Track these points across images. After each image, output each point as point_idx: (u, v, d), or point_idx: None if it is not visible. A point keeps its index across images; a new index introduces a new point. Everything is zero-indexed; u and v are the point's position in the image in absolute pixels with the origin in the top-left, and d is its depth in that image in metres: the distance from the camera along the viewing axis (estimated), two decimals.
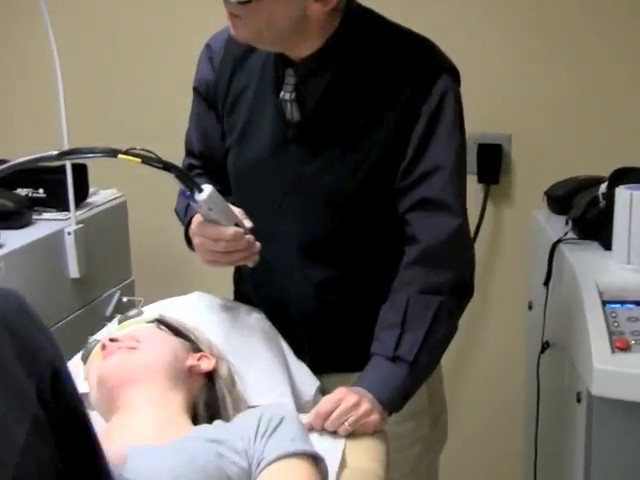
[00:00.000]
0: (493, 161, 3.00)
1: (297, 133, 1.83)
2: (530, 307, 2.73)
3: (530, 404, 2.65)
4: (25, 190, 2.53)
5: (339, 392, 1.74)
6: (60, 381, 1.02)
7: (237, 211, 1.83)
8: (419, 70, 1.79)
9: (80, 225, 2.51)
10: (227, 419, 1.70)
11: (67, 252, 2.49)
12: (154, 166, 1.62)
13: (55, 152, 1.61)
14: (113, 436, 1.55)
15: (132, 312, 1.84)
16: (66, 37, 2.59)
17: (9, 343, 0.98)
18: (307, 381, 1.94)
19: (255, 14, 1.68)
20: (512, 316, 3.00)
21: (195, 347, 1.77)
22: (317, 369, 1.97)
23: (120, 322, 1.84)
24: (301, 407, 1.86)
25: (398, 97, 1.77)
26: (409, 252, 1.82)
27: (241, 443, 1.50)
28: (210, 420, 1.68)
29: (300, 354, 1.97)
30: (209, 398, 1.72)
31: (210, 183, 1.98)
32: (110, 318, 2.46)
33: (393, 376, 1.77)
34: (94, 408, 1.70)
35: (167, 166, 1.63)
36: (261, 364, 1.89)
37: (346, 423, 1.69)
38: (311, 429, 1.68)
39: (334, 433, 1.69)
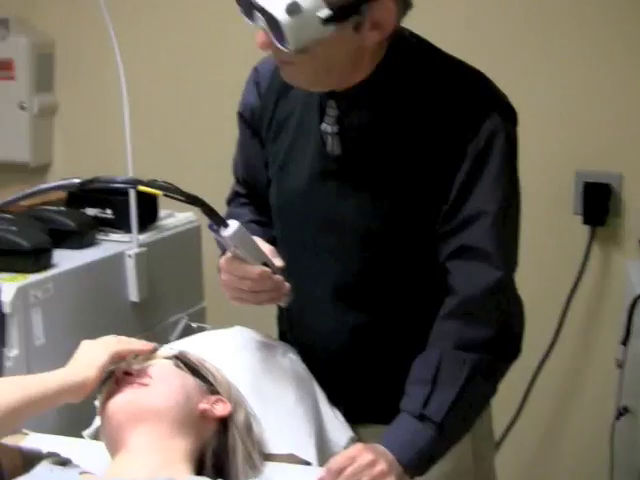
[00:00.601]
0: (601, 201, 2.82)
1: (336, 168, 1.75)
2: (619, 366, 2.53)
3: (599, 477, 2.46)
4: (94, 210, 2.53)
5: (355, 448, 1.64)
6: None
7: (267, 249, 1.77)
8: (467, 107, 1.68)
9: (143, 248, 2.48)
10: (235, 469, 1.63)
11: (127, 275, 2.47)
12: (177, 199, 1.58)
13: (78, 180, 1.58)
14: (111, 475, 1.51)
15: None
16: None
17: None
18: (340, 430, 1.85)
19: (311, 59, 1.60)
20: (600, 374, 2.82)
21: (212, 389, 1.68)
22: (353, 419, 1.88)
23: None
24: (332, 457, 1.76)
25: (444, 135, 1.67)
26: (446, 303, 1.70)
27: None
28: (217, 469, 1.61)
29: (335, 401, 1.89)
30: (219, 446, 1.64)
31: (254, 214, 1.97)
32: None
33: (419, 437, 1.64)
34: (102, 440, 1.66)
35: (191, 199, 1.58)
36: (287, 409, 1.80)
37: None
38: None
39: None
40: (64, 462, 1.55)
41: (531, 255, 2.04)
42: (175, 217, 2.75)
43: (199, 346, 1.97)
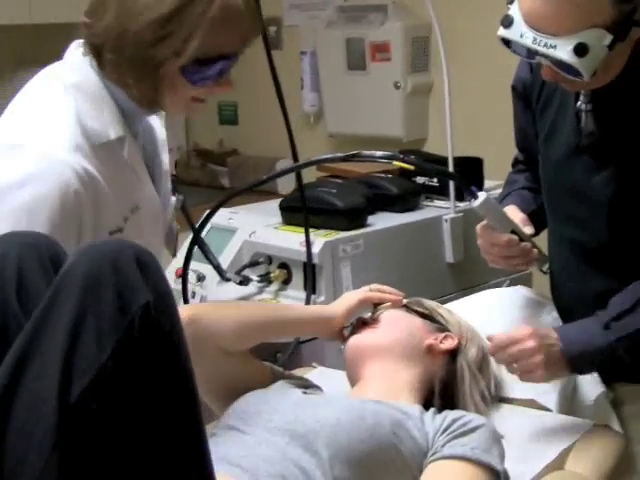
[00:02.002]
0: None
1: (588, 143, 1.83)
2: None
3: None
4: (423, 179, 2.74)
5: (522, 332, 1.75)
6: (150, 323, 1.14)
7: (519, 218, 1.92)
8: None
9: (459, 214, 2.66)
10: (464, 397, 1.80)
11: (444, 238, 2.67)
12: (429, 174, 1.77)
13: (341, 154, 1.85)
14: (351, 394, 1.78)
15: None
16: None
17: (113, 281, 1.14)
18: (591, 384, 1.94)
19: (597, 74, 1.66)
20: None
21: (442, 328, 1.88)
22: (608, 377, 1.95)
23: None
24: (582, 410, 1.89)
25: None
26: None
27: (428, 427, 1.61)
28: (445, 396, 1.79)
29: None
30: (447, 376, 1.82)
31: (529, 180, 2.12)
32: None
33: (594, 340, 1.72)
34: None
35: (442, 173, 1.76)
36: None
37: (515, 364, 1.74)
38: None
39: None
40: (308, 386, 1.82)
41: None
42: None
43: (479, 301, 2.16)
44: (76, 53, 1.73)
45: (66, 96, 1.70)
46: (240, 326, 1.74)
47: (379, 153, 1.82)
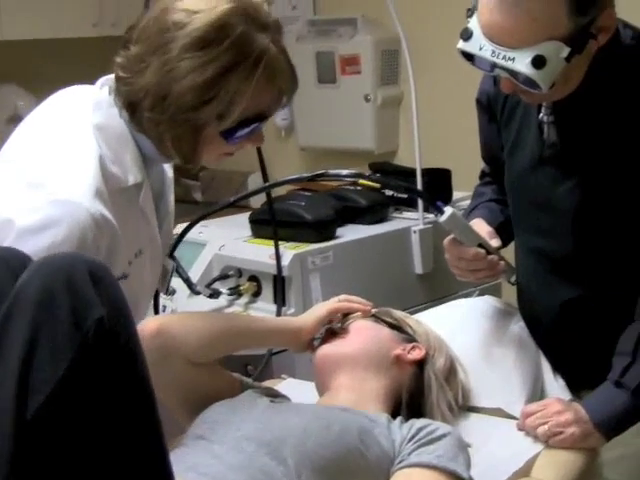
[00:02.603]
0: None
1: (551, 154, 1.86)
2: None
3: None
4: (391, 191, 2.75)
5: (549, 399, 1.81)
6: (105, 336, 1.15)
7: (485, 231, 1.95)
8: None
9: (428, 225, 2.68)
10: (431, 407, 1.81)
11: (413, 249, 2.69)
12: (396, 190, 1.79)
13: (307, 174, 1.86)
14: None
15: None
16: None
17: (67, 296, 1.15)
18: (559, 393, 1.96)
19: (556, 86, 1.68)
20: None
21: (410, 339, 1.89)
22: (576, 385, 1.98)
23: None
24: None
25: None
26: None
27: (395, 435, 1.62)
28: (411, 408, 1.79)
29: (556, 368, 2.02)
30: (414, 387, 1.83)
31: (496, 193, 2.14)
32: None
33: (612, 401, 1.76)
34: None
35: (408, 190, 1.78)
36: (506, 369, 1.97)
37: (546, 426, 1.74)
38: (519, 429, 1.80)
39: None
40: (276, 395, 1.83)
41: None
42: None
43: (448, 311, 2.18)
44: (103, 92, 1.70)
45: (90, 137, 1.65)
46: (207, 337, 1.75)
47: (345, 172, 1.84)
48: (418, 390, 1.82)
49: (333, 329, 1.89)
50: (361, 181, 1.78)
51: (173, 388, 1.74)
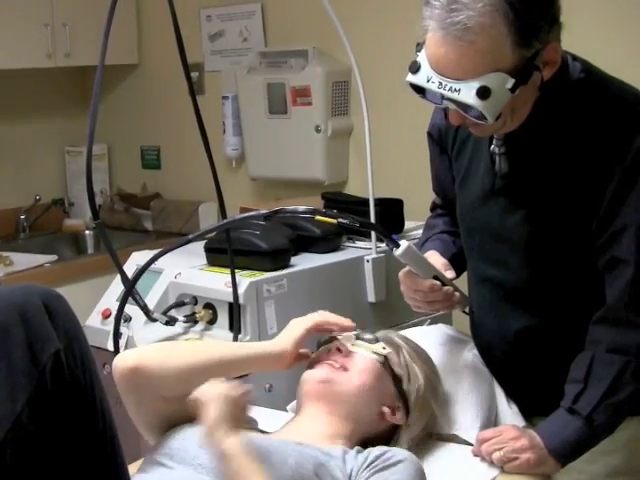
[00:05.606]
0: None
1: (503, 185, 1.90)
2: None
3: None
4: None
5: (504, 426, 1.86)
6: (62, 370, 1.16)
7: (440, 263, 1.99)
8: (616, 128, 1.76)
9: (381, 254, 2.73)
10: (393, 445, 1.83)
11: (366, 278, 2.73)
12: (351, 226, 1.82)
13: (264, 211, 1.86)
14: (278, 434, 1.79)
15: (368, 335, 1.96)
16: None
17: (22, 332, 1.15)
18: (513, 419, 2.00)
19: (502, 118, 1.72)
20: None
21: (403, 398, 1.88)
22: (529, 411, 2.03)
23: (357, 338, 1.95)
24: None
25: (596, 155, 1.77)
26: (601, 309, 1.82)
27: (351, 465, 1.65)
28: (374, 446, 1.78)
29: (509, 394, 2.06)
30: (384, 437, 1.85)
31: (448, 224, 2.18)
32: None
33: (566, 427, 1.80)
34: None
35: (364, 225, 1.80)
36: (461, 395, 2.01)
37: (501, 451, 1.78)
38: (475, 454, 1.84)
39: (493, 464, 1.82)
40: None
41: None
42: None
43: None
44: None
45: None
46: (185, 375, 1.70)
47: (301, 208, 1.83)
48: (385, 441, 1.84)
49: (339, 347, 1.87)
50: (317, 217, 1.80)
51: (147, 420, 1.74)
